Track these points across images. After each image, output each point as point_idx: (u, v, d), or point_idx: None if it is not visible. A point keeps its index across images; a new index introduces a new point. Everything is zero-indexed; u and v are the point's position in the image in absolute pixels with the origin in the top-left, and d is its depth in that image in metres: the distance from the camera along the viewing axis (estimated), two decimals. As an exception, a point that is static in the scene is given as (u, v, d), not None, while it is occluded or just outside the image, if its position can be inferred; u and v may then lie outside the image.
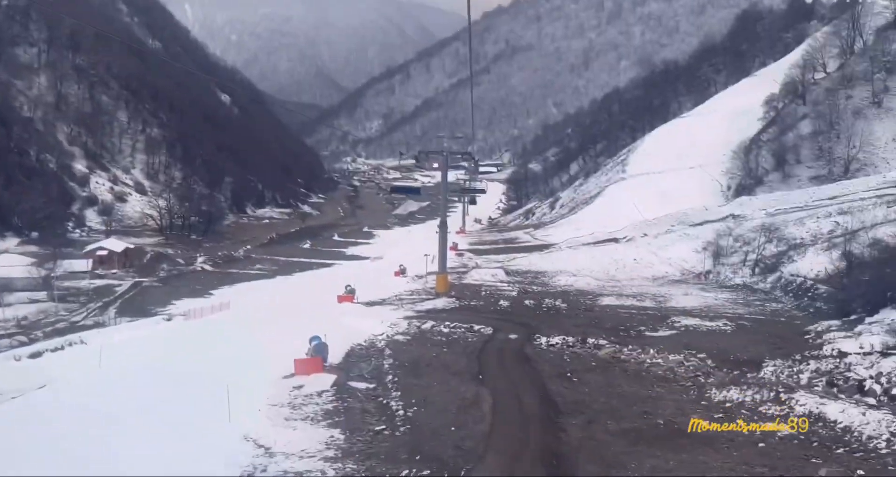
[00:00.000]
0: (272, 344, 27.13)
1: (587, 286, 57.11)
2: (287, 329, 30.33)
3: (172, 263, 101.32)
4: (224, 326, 32.53)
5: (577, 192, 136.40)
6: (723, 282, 57.02)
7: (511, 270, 71.68)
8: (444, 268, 43.49)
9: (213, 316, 40.21)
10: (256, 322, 32.90)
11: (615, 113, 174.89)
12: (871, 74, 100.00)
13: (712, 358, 22.69)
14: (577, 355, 24.68)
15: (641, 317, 35.61)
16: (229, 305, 43.37)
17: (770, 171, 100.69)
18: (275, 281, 68.32)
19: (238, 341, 28.35)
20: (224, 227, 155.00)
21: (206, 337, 29.95)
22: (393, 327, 32.33)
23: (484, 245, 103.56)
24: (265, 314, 37.58)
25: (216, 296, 59.56)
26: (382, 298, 48.69)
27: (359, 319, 34.64)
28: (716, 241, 67.46)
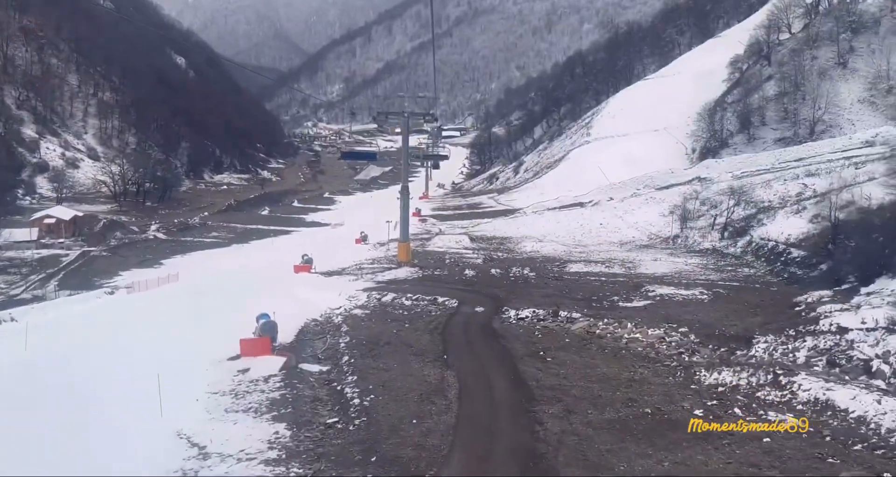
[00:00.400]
0: (219, 321, 24.99)
1: (554, 252, 55.49)
2: (237, 304, 28.20)
3: (126, 230, 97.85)
4: (169, 301, 30.27)
5: (541, 157, 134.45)
6: (691, 246, 55.74)
7: (476, 236, 69.86)
8: (406, 236, 41.35)
9: (160, 289, 37.80)
10: (204, 295, 30.70)
11: (579, 76, 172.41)
12: (837, 35, 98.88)
13: (695, 333, 20.98)
14: (549, 331, 22.87)
15: (613, 285, 33.97)
16: (178, 277, 40.85)
17: (735, 134, 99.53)
18: (230, 250, 65.53)
19: (182, 318, 26.13)
20: (180, 193, 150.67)
21: (148, 313, 27.70)
22: (351, 300, 30.34)
23: (447, 210, 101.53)
24: (215, 287, 35.36)
25: (166, 266, 56.81)
26: (342, 268, 46.59)
27: (315, 292, 32.58)
28: (682, 204, 66.10)
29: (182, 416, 15.45)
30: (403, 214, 40.78)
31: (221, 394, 17.37)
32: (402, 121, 37.51)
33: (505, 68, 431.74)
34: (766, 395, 15.19)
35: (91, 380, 17.69)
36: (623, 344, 20.45)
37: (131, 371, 18.26)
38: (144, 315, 27.03)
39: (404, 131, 38.39)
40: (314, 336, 23.85)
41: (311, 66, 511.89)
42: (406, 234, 41.51)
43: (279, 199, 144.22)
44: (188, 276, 42.54)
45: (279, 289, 33.39)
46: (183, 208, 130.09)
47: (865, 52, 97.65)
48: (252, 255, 55.90)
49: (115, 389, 16.98)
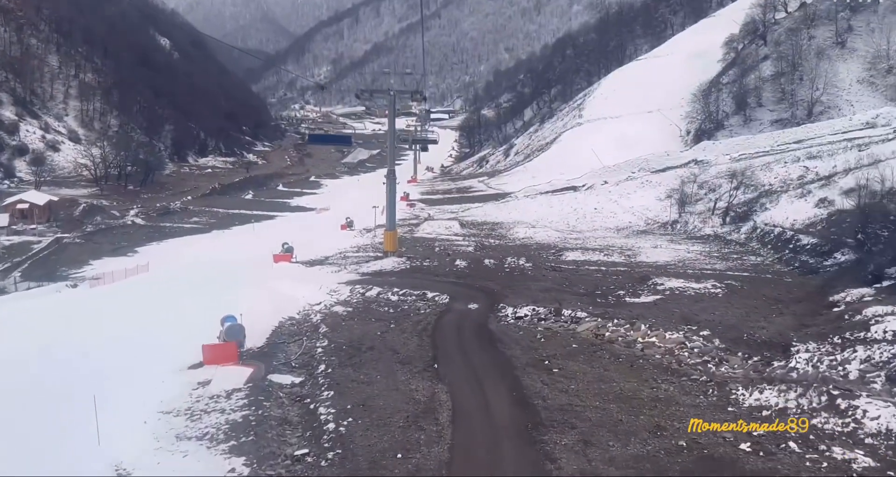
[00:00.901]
0: (185, 320, 22.47)
1: (548, 239, 53.03)
2: (208, 299, 25.67)
3: (106, 215, 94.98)
4: (133, 296, 27.72)
5: (532, 139, 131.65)
6: (692, 232, 53.35)
7: (466, 221, 67.34)
8: (392, 223, 38.56)
9: (127, 281, 35.15)
10: (173, 290, 28.15)
11: (569, 57, 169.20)
12: (835, 13, 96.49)
13: (719, 337, 18.44)
14: (552, 333, 20.39)
15: (616, 276, 31.56)
16: (148, 267, 38.19)
17: (731, 115, 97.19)
18: (210, 236, 62.70)
19: (144, 317, 23.57)
20: (164, 176, 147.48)
21: (109, 310, 25.12)
22: (333, 295, 27.82)
23: (436, 195, 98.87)
24: (186, 279, 32.82)
25: (140, 254, 54.03)
26: (325, 257, 44.01)
27: (294, 285, 30.02)
28: (680, 188, 63.59)
29: (124, 444, 12.96)
30: (390, 201, 37.97)
31: (175, 414, 14.85)
32: (388, 100, 34.77)
33: (494, 50, 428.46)
34: (824, 423, 12.72)
35: (21, 396, 15.13)
36: (638, 351, 17.98)
37: (71, 385, 15.70)
38: (103, 313, 24.43)
39: (390, 112, 35.72)
40: (289, 338, 21.34)
41: (298, 48, 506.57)
42: (392, 223, 38.67)
43: (264, 183, 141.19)
44: (161, 266, 39.86)
45: (256, 281, 30.92)
46: (166, 192, 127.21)
47: (864, 32, 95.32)
48: (231, 242, 53.23)
49: (48, 409, 14.44)
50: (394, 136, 37.55)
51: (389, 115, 36.00)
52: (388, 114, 35.97)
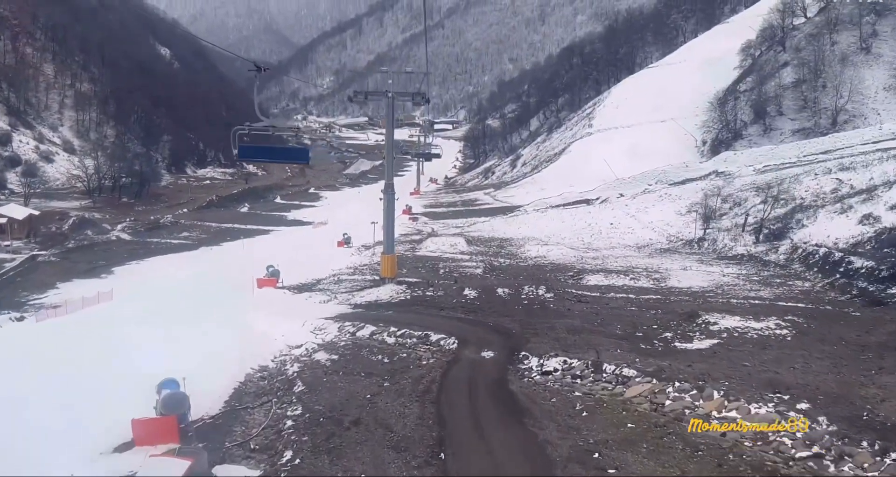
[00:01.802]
0: (129, 372, 17.77)
1: (563, 258, 48.38)
2: (166, 339, 21.06)
3: (97, 228, 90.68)
4: (81, 334, 23.21)
5: (539, 149, 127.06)
6: (722, 251, 48.60)
7: (472, 237, 62.73)
8: (390, 246, 33.53)
9: (84, 312, 30.59)
10: (129, 326, 23.59)
11: (577, 65, 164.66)
12: (859, 18, 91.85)
13: (826, 413, 13.60)
14: (595, 401, 15.59)
15: (655, 310, 26.83)
16: (112, 295, 33.66)
17: (749, 124, 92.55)
18: (196, 254, 58.03)
19: (82, 366, 18.88)
20: (160, 188, 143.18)
21: (43, 354, 20.49)
22: (318, 334, 23.19)
23: (440, 208, 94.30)
24: (151, 309, 28.31)
25: (116, 275, 49.37)
26: (316, 280, 39.37)
27: (274, 319, 25.42)
28: (703, 202, 59.10)
29: None
30: (388, 219, 33.06)
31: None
32: (386, 102, 30.21)
33: (498, 60, 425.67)
34: None
35: None
36: (720, 437, 13.20)
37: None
38: (33, 360, 19.84)
39: (388, 116, 31.11)
40: (254, 400, 16.68)
41: (301, 59, 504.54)
42: (391, 245, 33.61)
43: (263, 195, 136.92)
44: (128, 292, 35.40)
45: (229, 314, 26.27)
46: (161, 204, 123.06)
47: (891, 36, 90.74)
48: (217, 260, 48.65)
49: None
50: (392, 145, 32.91)
51: (387, 120, 31.40)
52: (386, 119, 31.41)
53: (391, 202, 33.34)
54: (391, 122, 31.41)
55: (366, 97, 32.08)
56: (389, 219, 33.31)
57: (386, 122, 31.87)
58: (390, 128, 32.20)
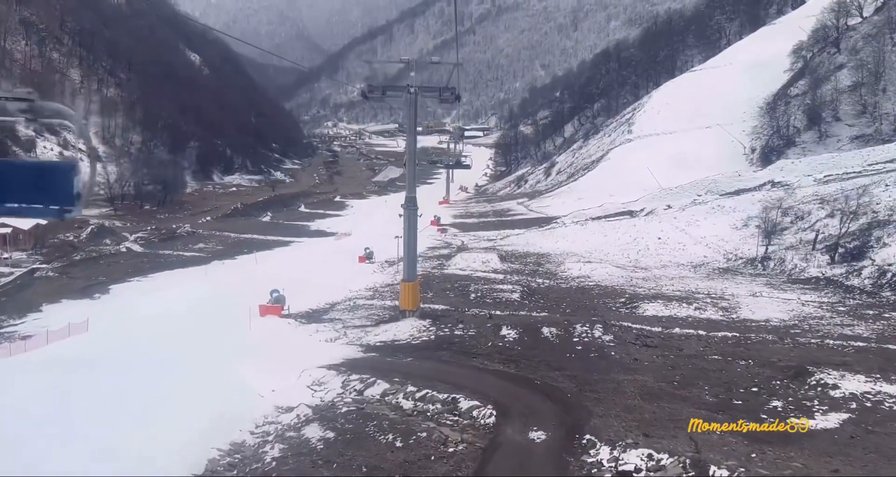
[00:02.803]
0: (51, 451, 12.80)
1: (609, 278, 42.97)
2: (116, 404, 16.10)
3: (116, 238, 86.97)
4: (22, 387, 18.45)
5: (575, 157, 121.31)
6: (792, 273, 42.84)
7: (505, 251, 57.45)
8: (412, 272, 27.37)
9: (48, 348, 25.77)
10: (83, 377, 18.80)
11: (613, 69, 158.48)
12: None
13: None
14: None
15: (745, 362, 21.39)
16: (87, 325, 28.78)
17: (802, 131, 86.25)
18: (206, 269, 53.09)
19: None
20: (185, 195, 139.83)
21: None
22: (316, 392, 18.16)
23: (471, 218, 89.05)
24: (123, 346, 23.61)
25: (111, 295, 44.62)
26: (330, 304, 34.45)
27: (266, 367, 20.36)
28: (764, 215, 53.30)
29: None
30: (409, 240, 27.07)
31: None
32: (408, 100, 25.02)
33: (529, 66, 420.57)
34: None
35: None
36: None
37: None
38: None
39: (409, 116, 25.87)
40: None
41: (332, 65, 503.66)
42: (412, 271, 27.34)
43: (289, 203, 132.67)
44: (110, 320, 30.60)
45: (214, 358, 21.24)
46: (184, 212, 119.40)
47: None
48: (224, 280, 43.95)
49: None
50: (414, 151, 27.53)
51: (408, 122, 26.25)
52: (408, 119, 26.27)
53: (413, 219, 27.82)
54: (413, 123, 26.19)
55: (383, 93, 26.77)
56: (411, 240, 27.76)
57: (407, 123, 26.65)
58: (412, 131, 26.95)
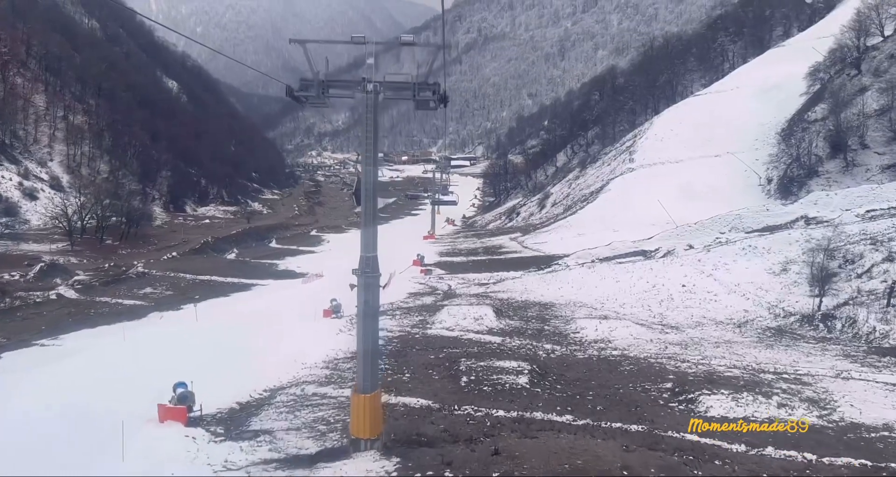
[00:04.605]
0: None
1: (637, 344, 33.70)
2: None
3: (67, 276, 77.29)
4: None
5: (572, 188, 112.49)
6: (870, 339, 33.61)
7: (501, 300, 48.24)
8: (370, 379, 15.94)
9: None
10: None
11: (609, 94, 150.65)
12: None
13: None
14: None
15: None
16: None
17: (825, 159, 77.98)
18: (137, 325, 43.76)
19: None
20: (153, 228, 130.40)
21: None
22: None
23: (459, 256, 79.64)
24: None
25: (1, 362, 35.21)
26: (269, 391, 25.08)
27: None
28: (808, 259, 44.50)
29: None
30: (365, 331, 15.86)
31: None
32: (364, 101, 15.93)
33: (516, 96, 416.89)
34: None
35: None
36: None
37: None
38: None
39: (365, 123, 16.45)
40: None
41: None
42: (371, 376, 17.59)
43: (265, 236, 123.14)
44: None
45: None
46: (149, 247, 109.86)
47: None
48: (144, 345, 34.70)
49: None
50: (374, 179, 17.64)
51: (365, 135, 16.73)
52: (364, 131, 16.85)
53: (373, 293, 17.43)
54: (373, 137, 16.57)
55: (323, 92, 17.20)
56: (368, 328, 17.26)
57: (364, 139, 17.12)
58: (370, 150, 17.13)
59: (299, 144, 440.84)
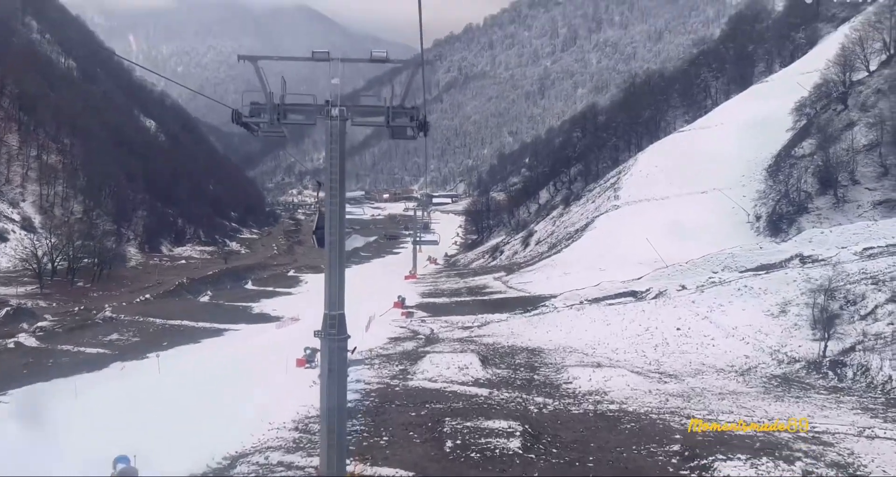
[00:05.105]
0: None
1: (635, 396, 31.10)
2: None
3: (35, 320, 73.81)
4: None
5: (556, 225, 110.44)
6: (890, 390, 31.08)
7: (486, 345, 45.59)
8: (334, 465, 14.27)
9: None
10: None
11: (591, 130, 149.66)
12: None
13: None
14: None
15: None
16: None
17: (815, 195, 76.40)
18: (96, 378, 40.74)
19: None
20: (127, 269, 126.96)
21: None
22: None
23: (441, 297, 76.94)
24: None
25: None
26: (227, 461, 22.14)
27: None
28: (808, 300, 42.31)
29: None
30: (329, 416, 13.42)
31: None
32: (329, 126, 13.40)
33: (497, 133, 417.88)
34: None
35: None
36: None
37: None
38: None
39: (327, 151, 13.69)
40: None
41: (298, 133, 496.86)
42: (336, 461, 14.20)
43: (242, 276, 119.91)
44: None
45: None
46: (122, 289, 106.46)
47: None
48: (106, 401, 31.72)
49: None
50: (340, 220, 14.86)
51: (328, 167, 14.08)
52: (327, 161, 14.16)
53: (338, 360, 14.16)
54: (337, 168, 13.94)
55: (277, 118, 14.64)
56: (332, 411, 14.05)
57: (326, 172, 14.47)
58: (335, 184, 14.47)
59: (280, 183, 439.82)
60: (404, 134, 14.52)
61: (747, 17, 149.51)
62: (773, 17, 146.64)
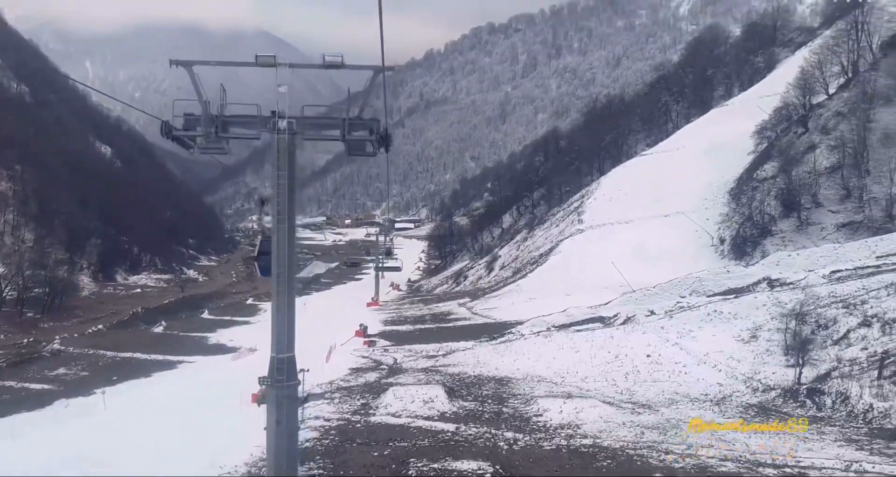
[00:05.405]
0: None
1: (609, 429, 29.64)
2: None
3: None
4: None
5: (520, 250, 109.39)
6: (872, 419, 29.94)
7: (452, 376, 43.87)
8: None
9: None
10: None
11: (554, 155, 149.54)
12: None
13: None
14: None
15: None
16: None
17: (778, 218, 76.22)
18: (36, 417, 38.25)
19: None
20: (79, 299, 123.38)
21: None
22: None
23: (405, 324, 75.05)
24: None
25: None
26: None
27: None
28: (781, 325, 41.53)
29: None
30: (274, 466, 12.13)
31: None
32: (275, 140, 11.86)
33: (459, 158, 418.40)
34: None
35: None
36: None
37: None
38: None
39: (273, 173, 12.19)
40: None
41: (258, 158, 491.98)
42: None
43: (200, 305, 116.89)
44: None
45: None
46: (74, 319, 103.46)
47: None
48: (42, 445, 29.34)
49: None
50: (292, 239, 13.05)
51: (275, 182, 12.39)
52: (273, 183, 12.57)
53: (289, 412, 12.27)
54: (285, 189, 12.44)
55: (217, 131, 13.07)
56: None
57: (274, 194, 12.88)
58: (282, 209, 12.86)
59: (239, 209, 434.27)
60: (363, 149, 12.88)
61: (706, 41, 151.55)
62: (731, 41, 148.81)
